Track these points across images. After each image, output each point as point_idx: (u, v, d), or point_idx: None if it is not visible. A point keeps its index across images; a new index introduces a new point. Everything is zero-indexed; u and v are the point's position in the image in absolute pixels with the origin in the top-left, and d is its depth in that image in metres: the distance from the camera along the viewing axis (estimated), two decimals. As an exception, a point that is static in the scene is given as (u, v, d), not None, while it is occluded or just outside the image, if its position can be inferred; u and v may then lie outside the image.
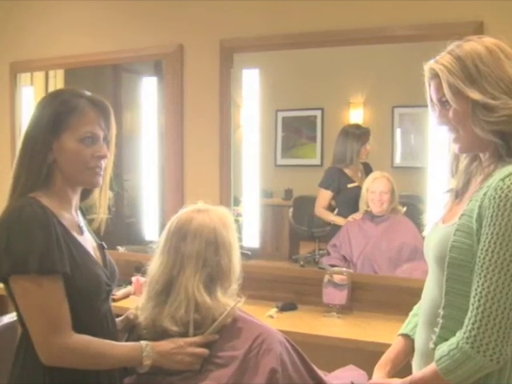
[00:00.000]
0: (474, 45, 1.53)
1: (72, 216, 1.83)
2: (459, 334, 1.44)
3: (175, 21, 3.53)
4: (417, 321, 1.78)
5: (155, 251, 1.89)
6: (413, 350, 1.76)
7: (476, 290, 1.42)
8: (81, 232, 1.84)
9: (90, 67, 3.90)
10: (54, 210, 1.71)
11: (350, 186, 3.58)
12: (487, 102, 1.46)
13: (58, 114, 1.75)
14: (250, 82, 3.50)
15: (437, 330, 1.54)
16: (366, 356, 2.53)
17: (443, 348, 1.48)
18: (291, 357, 1.77)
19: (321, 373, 1.88)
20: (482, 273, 1.41)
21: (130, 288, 3.35)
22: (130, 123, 4.33)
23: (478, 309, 1.40)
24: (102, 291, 1.80)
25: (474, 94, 1.48)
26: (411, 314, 1.93)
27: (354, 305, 3.06)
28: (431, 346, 1.54)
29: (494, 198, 1.40)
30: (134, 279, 3.33)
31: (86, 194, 1.94)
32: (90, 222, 2.04)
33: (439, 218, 1.68)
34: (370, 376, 2.07)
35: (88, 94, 1.84)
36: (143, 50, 3.60)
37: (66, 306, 1.67)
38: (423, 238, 1.77)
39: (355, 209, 3.53)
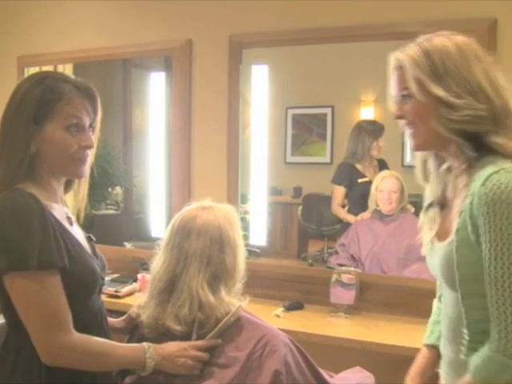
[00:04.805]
0: (444, 41, 1.49)
1: (60, 207, 1.77)
2: (489, 345, 1.40)
3: (184, 15, 3.50)
4: (439, 329, 1.73)
5: (159, 249, 1.86)
6: (439, 359, 1.71)
7: (491, 300, 1.38)
8: (70, 223, 1.78)
9: (99, 62, 3.89)
10: (43, 201, 1.64)
11: (360, 180, 3.56)
12: (450, 99, 1.43)
13: (42, 101, 1.66)
14: (260, 79, 3.47)
15: (465, 343, 1.49)
16: (373, 357, 2.51)
17: (476, 360, 1.43)
18: (296, 358, 1.74)
19: (326, 375, 1.86)
20: (491, 282, 1.37)
21: (135, 285, 3.32)
22: (139, 119, 4.32)
23: (499, 318, 1.36)
24: (97, 284, 1.76)
25: (438, 91, 1.44)
26: (431, 321, 1.86)
27: (361, 305, 3.01)
28: (462, 357, 1.49)
29: (481, 205, 1.36)
30: (139, 276, 3.31)
31: (67, 185, 1.85)
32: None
33: (433, 234, 1.63)
34: (377, 378, 2.05)
35: (72, 78, 1.77)
36: (152, 45, 3.57)
37: (65, 302, 1.62)
38: None
39: (365, 205, 3.51)
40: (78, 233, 1.81)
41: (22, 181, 1.65)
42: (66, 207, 1.84)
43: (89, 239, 1.88)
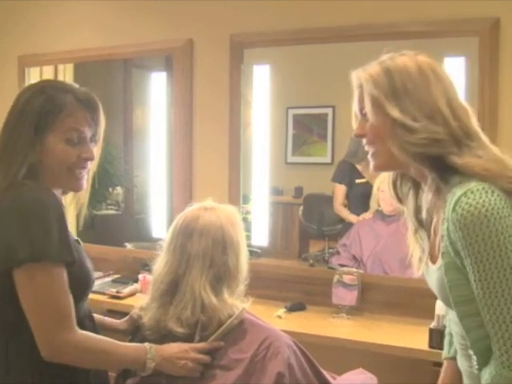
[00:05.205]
0: (406, 60, 1.48)
1: None
2: (494, 362, 1.40)
3: (185, 15, 3.49)
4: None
5: (161, 250, 1.85)
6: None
7: (486, 319, 1.38)
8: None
9: (99, 62, 3.88)
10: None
11: (358, 181, 3.56)
12: (406, 122, 1.42)
13: (43, 112, 1.65)
14: (261, 79, 3.46)
15: (474, 362, 1.49)
16: (375, 358, 2.50)
17: (486, 377, 1.43)
18: (299, 360, 1.73)
19: (329, 376, 1.85)
20: (481, 303, 1.37)
21: (136, 286, 3.31)
22: (140, 119, 4.32)
23: (496, 336, 1.36)
24: (89, 287, 1.76)
25: (394, 112, 1.43)
26: (448, 332, 1.85)
27: (363, 306, 3.00)
28: (475, 371, 1.49)
29: (456, 231, 1.36)
30: (140, 277, 3.30)
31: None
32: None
33: (426, 255, 1.62)
34: (379, 379, 2.04)
35: (74, 87, 1.76)
36: (152, 45, 3.56)
37: (71, 299, 1.61)
38: None
39: (364, 206, 3.50)
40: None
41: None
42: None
43: (77, 243, 1.85)
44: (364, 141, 1.56)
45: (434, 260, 1.56)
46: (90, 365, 1.69)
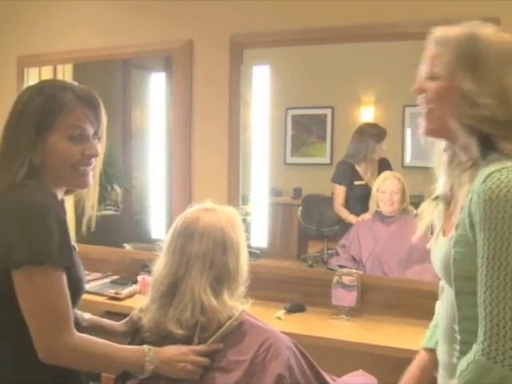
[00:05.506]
0: (492, 34, 1.45)
1: None
2: (475, 347, 1.37)
3: (185, 15, 3.49)
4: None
5: (160, 251, 1.85)
6: (437, 363, 1.69)
7: (480, 299, 1.35)
8: None
9: (99, 62, 3.87)
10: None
11: (356, 183, 3.56)
12: (471, 94, 1.40)
13: (43, 112, 1.65)
14: (261, 79, 3.45)
15: (457, 346, 1.48)
16: (375, 360, 2.49)
17: (462, 363, 1.40)
18: (299, 362, 1.73)
19: (329, 378, 1.84)
20: (482, 281, 1.35)
21: (135, 287, 3.30)
22: (139, 119, 4.31)
23: (486, 318, 1.33)
24: (81, 294, 1.75)
25: (463, 81, 1.41)
26: (432, 324, 1.85)
27: (363, 307, 3.00)
28: (454, 361, 1.48)
29: (479, 202, 1.34)
30: (139, 278, 3.29)
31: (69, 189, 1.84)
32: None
33: (438, 228, 1.62)
34: (379, 380, 2.04)
35: (74, 85, 1.75)
36: (152, 45, 3.55)
37: (70, 302, 1.61)
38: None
39: (363, 207, 3.50)
40: None
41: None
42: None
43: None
44: (420, 98, 1.53)
45: (447, 232, 1.55)
46: (87, 367, 1.68)
